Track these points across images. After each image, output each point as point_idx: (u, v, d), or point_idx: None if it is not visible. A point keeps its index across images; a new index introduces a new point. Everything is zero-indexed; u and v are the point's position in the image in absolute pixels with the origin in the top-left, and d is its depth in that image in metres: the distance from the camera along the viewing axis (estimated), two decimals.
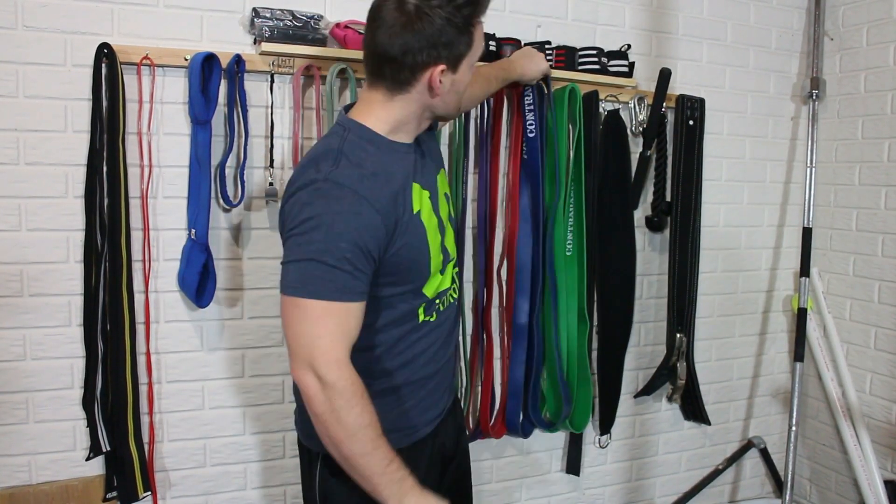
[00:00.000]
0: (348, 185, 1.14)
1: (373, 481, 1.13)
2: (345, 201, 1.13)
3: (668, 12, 2.24)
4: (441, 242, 1.31)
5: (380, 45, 1.19)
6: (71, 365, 1.67)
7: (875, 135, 2.31)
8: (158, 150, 1.69)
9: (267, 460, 1.87)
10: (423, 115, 1.27)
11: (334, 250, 1.11)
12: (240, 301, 1.80)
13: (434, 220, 1.29)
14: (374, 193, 1.16)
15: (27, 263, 1.62)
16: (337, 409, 1.11)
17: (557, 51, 1.99)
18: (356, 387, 1.12)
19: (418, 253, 1.24)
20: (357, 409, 1.11)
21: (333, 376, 1.10)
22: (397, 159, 1.24)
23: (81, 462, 1.68)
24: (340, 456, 1.15)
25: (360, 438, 1.11)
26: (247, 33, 1.73)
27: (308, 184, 1.15)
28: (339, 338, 1.13)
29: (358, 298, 1.15)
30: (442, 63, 1.19)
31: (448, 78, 1.22)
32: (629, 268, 2.15)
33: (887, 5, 2.25)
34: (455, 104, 1.29)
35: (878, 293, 2.32)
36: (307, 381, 1.12)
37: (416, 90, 1.22)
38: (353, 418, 1.11)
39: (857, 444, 2.33)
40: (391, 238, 1.19)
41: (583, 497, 2.30)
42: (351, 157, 1.18)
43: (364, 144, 1.22)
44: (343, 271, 1.12)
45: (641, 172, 2.17)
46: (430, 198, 1.29)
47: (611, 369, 2.17)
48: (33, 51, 1.58)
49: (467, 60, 1.24)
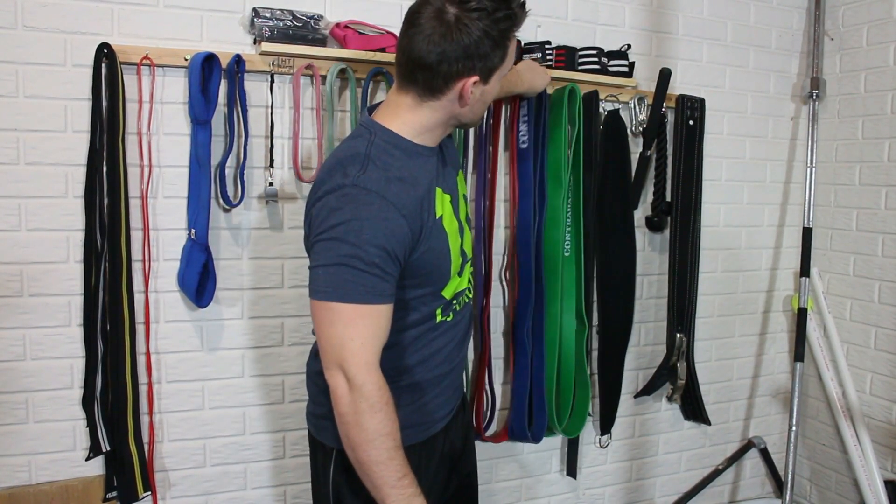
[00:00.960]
0: (375, 191, 1.16)
1: (382, 492, 1.14)
2: (373, 207, 1.15)
3: (668, 12, 2.24)
4: (460, 245, 1.33)
5: (416, 51, 1.19)
6: (71, 365, 1.67)
7: (875, 135, 2.31)
8: (158, 150, 1.69)
9: (267, 460, 1.87)
10: (449, 122, 1.28)
11: (364, 255, 1.13)
12: (240, 301, 1.80)
13: (455, 224, 1.31)
14: (401, 199, 1.18)
15: (27, 263, 1.62)
16: (360, 413, 1.13)
17: (557, 51, 1.99)
18: (382, 393, 1.14)
19: (440, 257, 1.27)
20: (380, 416, 1.13)
21: (362, 379, 1.13)
22: (421, 164, 1.26)
23: (81, 462, 1.68)
24: (356, 460, 1.16)
25: (378, 446, 1.13)
26: (247, 33, 1.73)
27: (336, 188, 1.17)
28: (370, 340, 1.15)
29: (388, 301, 1.18)
30: (476, 74, 1.20)
31: (479, 89, 1.23)
32: (629, 268, 2.15)
33: (887, 5, 2.25)
34: (480, 114, 1.32)
35: (878, 293, 2.32)
36: (337, 381, 1.14)
37: (447, 98, 1.23)
38: (375, 424, 1.13)
39: (857, 444, 2.33)
40: (416, 243, 1.21)
41: (583, 497, 2.30)
42: (378, 162, 1.20)
43: (390, 149, 1.23)
44: (373, 275, 1.14)
45: (641, 172, 2.17)
46: (451, 202, 1.31)
47: (611, 369, 2.17)
48: (33, 51, 1.58)
49: (499, 73, 1.25)
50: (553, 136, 1.97)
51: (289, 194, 1.80)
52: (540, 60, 1.96)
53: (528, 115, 1.92)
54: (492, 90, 1.27)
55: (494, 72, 1.23)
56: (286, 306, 1.84)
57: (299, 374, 1.87)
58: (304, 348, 1.86)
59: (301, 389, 1.87)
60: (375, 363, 1.15)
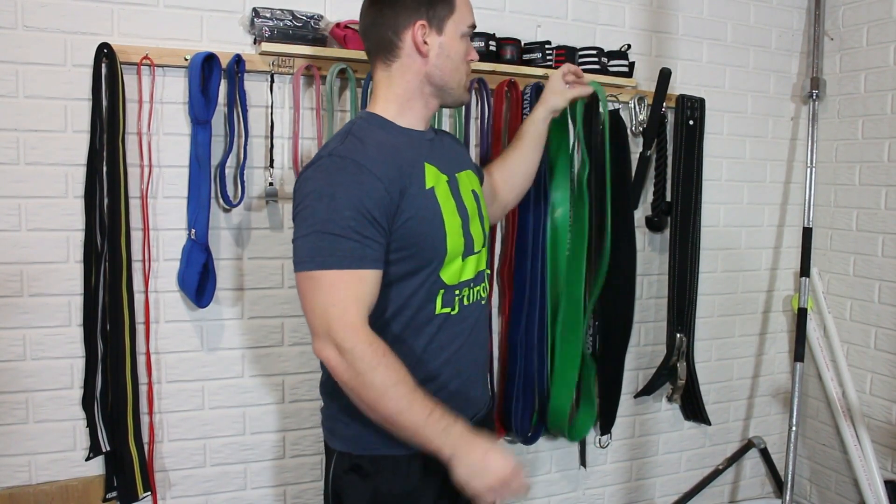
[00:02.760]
0: (350, 157, 1.17)
1: (419, 435, 1.12)
2: (347, 171, 1.15)
3: (668, 12, 2.24)
4: (462, 226, 1.28)
5: (364, 17, 1.27)
6: (71, 365, 1.67)
7: (875, 135, 2.31)
8: (158, 150, 1.69)
9: (267, 460, 1.87)
10: (425, 89, 1.28)
11: (338, 220, 1.13)
12: (240, 301, 1.80)
13: (452, 202, 1.28)
14: (377, 163, 1.17)
15: (27, 263, 1.62)
16: (361, 374, 1.11)
17: (557, 51, 1.99)
18: (375, 347, 1.12)
19: (431, 226, 1.22)
20: (381, 369, 1.11)
21: (350, 342, 1.11)
22: (407, 141, 1.27)
23: (81, 462, 1.68)
24: (380, 419, 1.14)
25: (392, 396, 1.11)
26: (247, 33, 1.73)
27: (313, 162, 1.19)
28: (352, 303, 1.13)
29: (369, 266, 1.15)
30: (422, 19, 1.23)
31: (434, 39, 1.24)
32: (629, 268, 2.15)
33: (887, 5, 2.25)
34: (455, 78, 1.29)
35: (878, 293, 2.32)
36: (327, 353, 1.13)
37: (405, 54, 1.25)
38: (380, 379, 1.11)
39: (857, 444, 2.33)
40: (398, 208, 1.18)
41: (583, 497, 2.30)
42: (358, 135, 1.22)
43: (374, 128, 1.25)
44: (349, 239, 1.13)
45: (641, 172, 2.17)
46: (447, 182, 1.29)
47: (611, 369, 2.16)
48: (33, 51, 1.58)
49: (453, 24, 1.25)
50: (554, 136, 1.97)
51: (289, 194, 1.80)
52: (540, 60, 1.96)
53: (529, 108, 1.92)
54: (453, 45, 1.26)
55: (446, 20, 1.24)
56: (286, 306, 1.84)
57: (299, 374, 1.87)
58: (304, 348, 1.86)
59: (301, 389, 1.88)
60: (361, 323, 1.13)
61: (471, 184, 1.38)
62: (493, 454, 1.13)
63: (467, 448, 1.13)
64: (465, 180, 1.36)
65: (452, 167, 1.34)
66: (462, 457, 1.12)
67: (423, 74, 1.27)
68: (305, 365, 1.87)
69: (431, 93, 1.29)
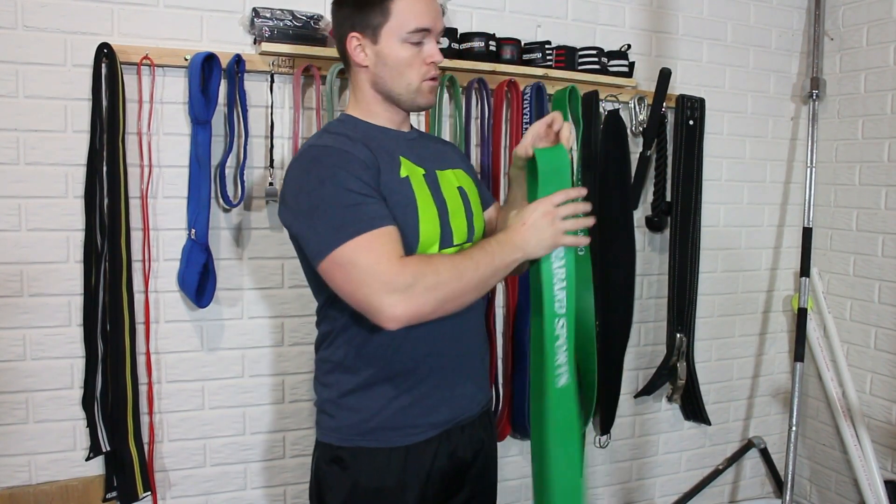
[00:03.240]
0: (331, 145, 1.21)
1: (497, 263, 1.18)
2: (334, 156, 1.19)
3: (668, 12, 2.24)
4: (440, 216, 1.27)
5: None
6: (71, 365, 1.67)
7: (875, 135, 2.31)
8: (158, 150, 1.69)
9: (267, 460, 1.87)
10: (377, 95, 1.30)
11: (345, 194, 1.15)
12: (240, 301, 1.80)
13: (427, 193, 1.27)
14: (355, 148, 1.21)
15: (27, 263, 1.62)
16: (434, 286, 1.12)
17: (557, 51, 1.99)
18: (419, 259, 1.15)
19: (404, 212, 1.22)
20: (439, 268, 1.14)
21: (403, 277, 1.10)
22: (382, 136, 1.29)
23: (81, 462, 1.68)
24: (479, 293, 1.20)
25: (464, 273, 1.15)
26: (247, 33, 1.73)
27: (297, 157, 1.24)
28: (389, 252, 1.13)
29: (389, 222, 1.16)
30: (353, 31, 1.26)
31: (371, 49, 1.26)
32: (629, 268, 2.15)
33: (887, 5, 2.25)
34: (401, 84, 1.27)
35: (878, 293, 2.32)
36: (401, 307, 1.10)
37: (352, 62, 1.29)
38: (446, 275, 1.13)
39: (857, 444, 2.33)
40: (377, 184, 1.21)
41: None
42: (332, 130, 1.27)
43: (348, 126, 1.29)
44: (364, 206, 1.15)
45: (641, 172, 2.17)
46: (423, 175, 1.29)
47: (610, 369, 2.17)
48: (33, 51, 1.58)
49: (388, 31, 1.24)
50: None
51: None
52: (540, 60, 1.96)
53: (530, 117, 1.92)
54: (391, 53, 1.25)
55: (380, 29, 1.24)
56: (286, 306, 1.84)
57: (299, 373, 1.87)
58: (304, 348, 1.86)
59: (301, 389, 1.88)
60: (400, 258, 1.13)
61: (458, 181, 1.36)
62: (528, 217, 1.20)
63: (517, 234, 1.20)
64: (449, 177, 1.35)
65: (433, 164, 1.34)
66: (523, 242, 1.20)
67: (369, 82, 1.29)
68: (305, 365, 1.87)
69: (384, 98, 1.30)
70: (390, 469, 1.26)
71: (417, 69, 1.27)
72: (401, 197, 1.23)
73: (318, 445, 1.32)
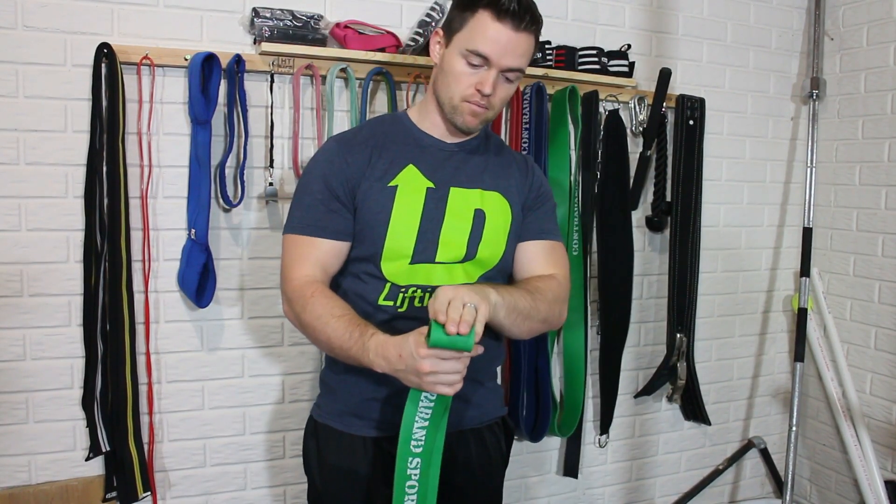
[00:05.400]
0: (333, 138, 1.32)
1: (351, 357, 1.16)
2: (326, 151, 1.30)
3: (668, 12, 2.24)
4: (421, 231, 1.26)
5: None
6: (71, 365, 1.67)
7: (875, 135, 2.31)
8: (158, 150, 1.69)
9: (267, 460, 1.87)
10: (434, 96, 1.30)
11: (308, 191, 1.27)
12: (240, 301, 1.80)
13: (415, 206, 1.26)
14: (353, 148, 1.27)
15: (27, 263, 1.62)
16: (297, 315, 1.23)
17: (557, 51, 1.99)
18: (305, 289, 1.21)
19: (375, 220, 1.26)
20: (308, 307, 1.19)
21: (289, 291, 1.24)
22: (406, 139, 1.31)
23: (81, 462, 1.68)
24: (326, 350, 1.25)
25: (318, 328, 1.18)
26: (247, 33, 1.73)
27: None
28: (302, 262, 1.24)
29: (328, 236, 1.24)
30: (441, 28, 1.30)
31: (441, 50, 1.28)
32: (627, 268, 2.15)
33: (887, 5, 2.25)
34: (446, 94, 1.26)
35: (878, 293, 2.32)
36: (283, 307, 1.27)
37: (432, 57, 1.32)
38: (308, 317, 1.20)
39: (857, 444, 2.33)
40: (355, 189, 1.26)
41: (583, 497, 2.30)
42: (367, 122, 1.35)
43: (387, 122, 1.35)
44: (314, 209, 1.25)
45: (641, 172, 2.17)
46: (428, 189, 1.28)
47: (609, 369, 2.17)
48: (33, 51, 1.58)
49: (458, 39, 1.24)
50: (556, 137, 1.97)
51: (289, 194, 1.80)
52: (540, 60, 1.96)
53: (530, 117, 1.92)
54: (451, 59, 1.24)
55: (454, 35, 1.24)
56: None
57: (299, 373, 1.87)
58: (304, 348, 1.86)
59: (301, 389, 1.88)
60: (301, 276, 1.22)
61: (480, 202, 1.31)
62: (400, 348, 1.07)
63: (381, 350, 1.10)
64: (465, 196, 1.30)
65: (453, 180, 1.30)
66: (378, 360, 1.10)
67: (433, 82, 1.32)
68: (305, 365, 1.87)
69: (437, 103, 1.29)
70: (355, 453, 1.30)
71: (463, 88, 1.25)
72: (375, 205, 1.26)
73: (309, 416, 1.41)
